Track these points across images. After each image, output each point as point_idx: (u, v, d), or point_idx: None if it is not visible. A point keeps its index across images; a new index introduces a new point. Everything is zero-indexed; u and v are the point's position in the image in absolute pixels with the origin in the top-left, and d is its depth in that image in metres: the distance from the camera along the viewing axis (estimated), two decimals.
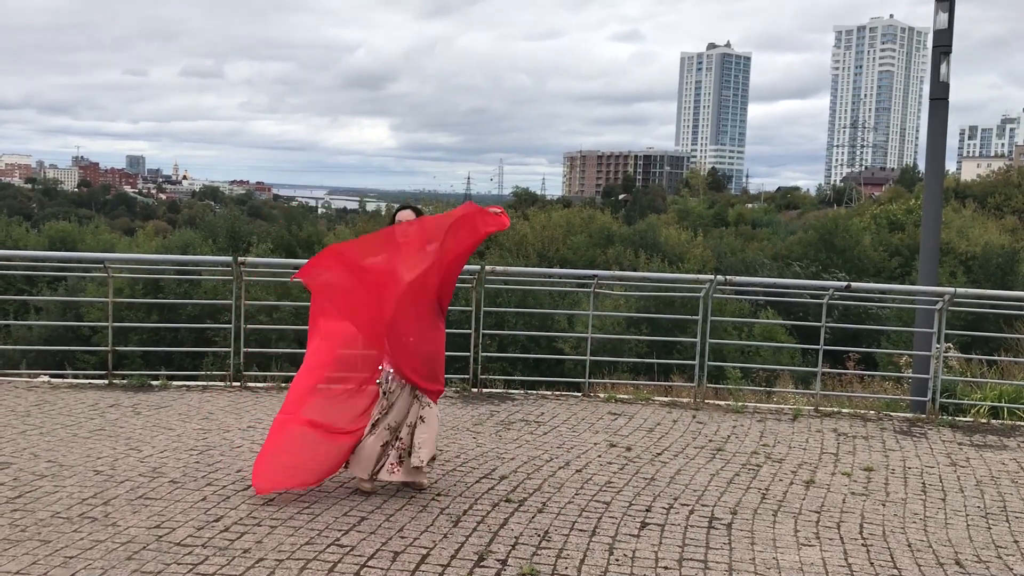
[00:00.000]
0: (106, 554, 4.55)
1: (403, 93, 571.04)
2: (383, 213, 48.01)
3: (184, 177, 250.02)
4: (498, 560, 4.71)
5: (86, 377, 9.37)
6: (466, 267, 9.93)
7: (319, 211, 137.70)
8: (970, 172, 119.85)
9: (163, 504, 5.34)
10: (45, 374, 9.48)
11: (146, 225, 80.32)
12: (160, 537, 4.81)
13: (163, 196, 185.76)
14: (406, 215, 5.90)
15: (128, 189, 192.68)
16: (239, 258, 9.16)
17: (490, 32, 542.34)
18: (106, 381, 8.94)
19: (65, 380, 9.20)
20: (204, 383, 9.19)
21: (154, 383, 8.92)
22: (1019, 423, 9.00)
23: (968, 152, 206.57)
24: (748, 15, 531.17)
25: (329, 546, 4.79)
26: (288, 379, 9.38)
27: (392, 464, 5.69)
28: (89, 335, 25.73)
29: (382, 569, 4.51)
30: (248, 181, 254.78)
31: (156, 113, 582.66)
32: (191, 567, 4.44)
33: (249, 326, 10.62)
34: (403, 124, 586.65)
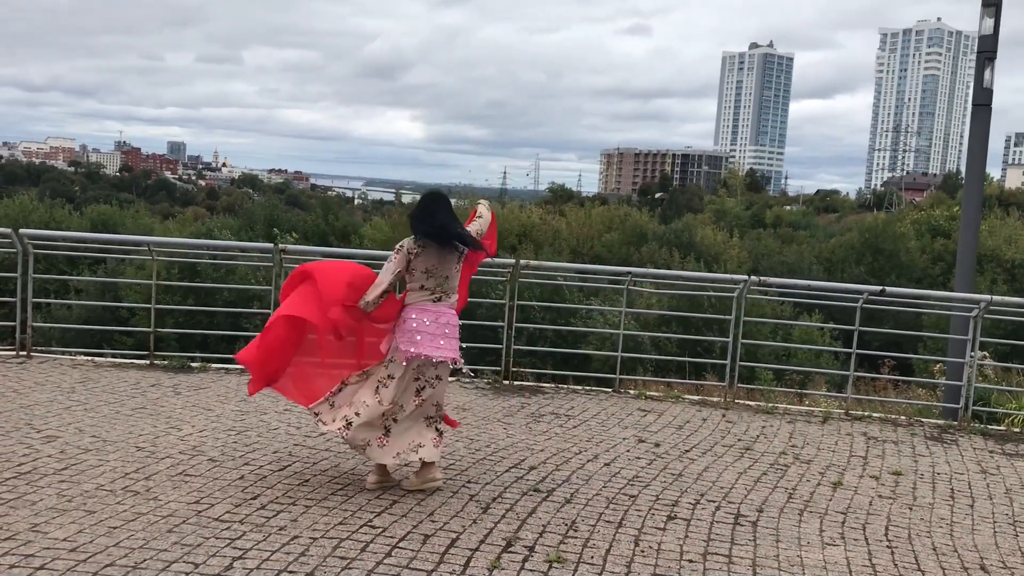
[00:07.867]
0: (148, 526, 4.72)
1: (420, 84, 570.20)
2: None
3: (223, 164, 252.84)
4: (525, 547, 4.81)
5: (127, 357, 9.58)
6: (501, 260, 10.01)
7: (355, 202, 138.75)
8: (1015, 179, 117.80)
9: (202, 481, 5.51)
10: (88, 353, 9.71)
11: (185, 211, 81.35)
12: (199, 512, 4.97)
13: (203, 183, 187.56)
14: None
15: (169, 175, 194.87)
16: (280, 245, 9.33)
17: (504, 25, 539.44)
18: (147, 361, 9.16)
19: (108, 360, 9.43)
20: (242, 367, 9.35)
21: (193, 365, 9.13)
22: None
23: (1013, 159, 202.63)
24: (763, 11, 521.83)
25: (362, 527, 4.92)
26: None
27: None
28: (127, 317, 26.16)
29: (412, 551, 4.63)
30: (286, 170, 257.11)
31: (184, 99, 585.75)
32: (229, 541, 4.59)
33: None
34: (425, 116, 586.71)
